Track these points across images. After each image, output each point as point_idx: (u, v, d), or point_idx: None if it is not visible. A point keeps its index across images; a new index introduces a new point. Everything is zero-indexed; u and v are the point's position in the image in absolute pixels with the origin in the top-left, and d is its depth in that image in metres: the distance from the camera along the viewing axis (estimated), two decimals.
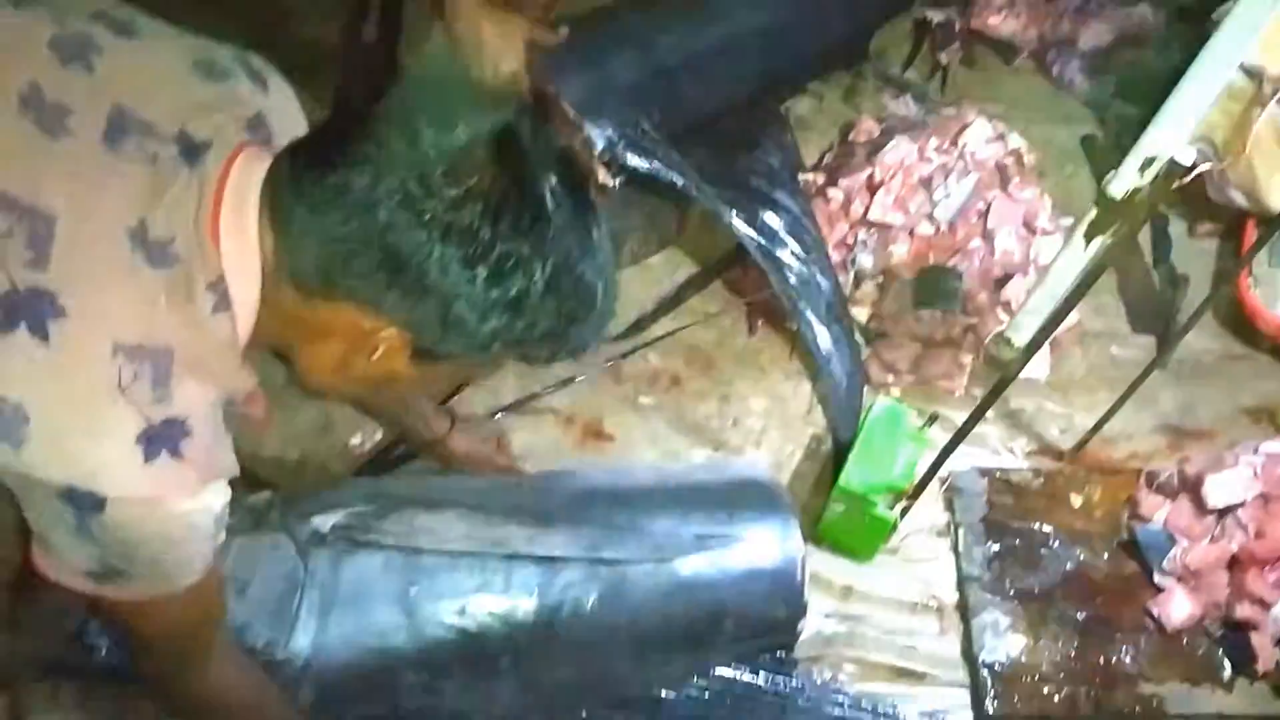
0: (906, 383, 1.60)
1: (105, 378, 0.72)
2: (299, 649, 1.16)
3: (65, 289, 0.72)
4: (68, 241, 0.72)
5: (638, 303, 1.66)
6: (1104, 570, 1.43)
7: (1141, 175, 0.86)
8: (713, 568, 1.28)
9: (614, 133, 1.56)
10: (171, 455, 0.75)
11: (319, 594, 1.18)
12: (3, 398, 0.71)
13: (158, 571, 0.82)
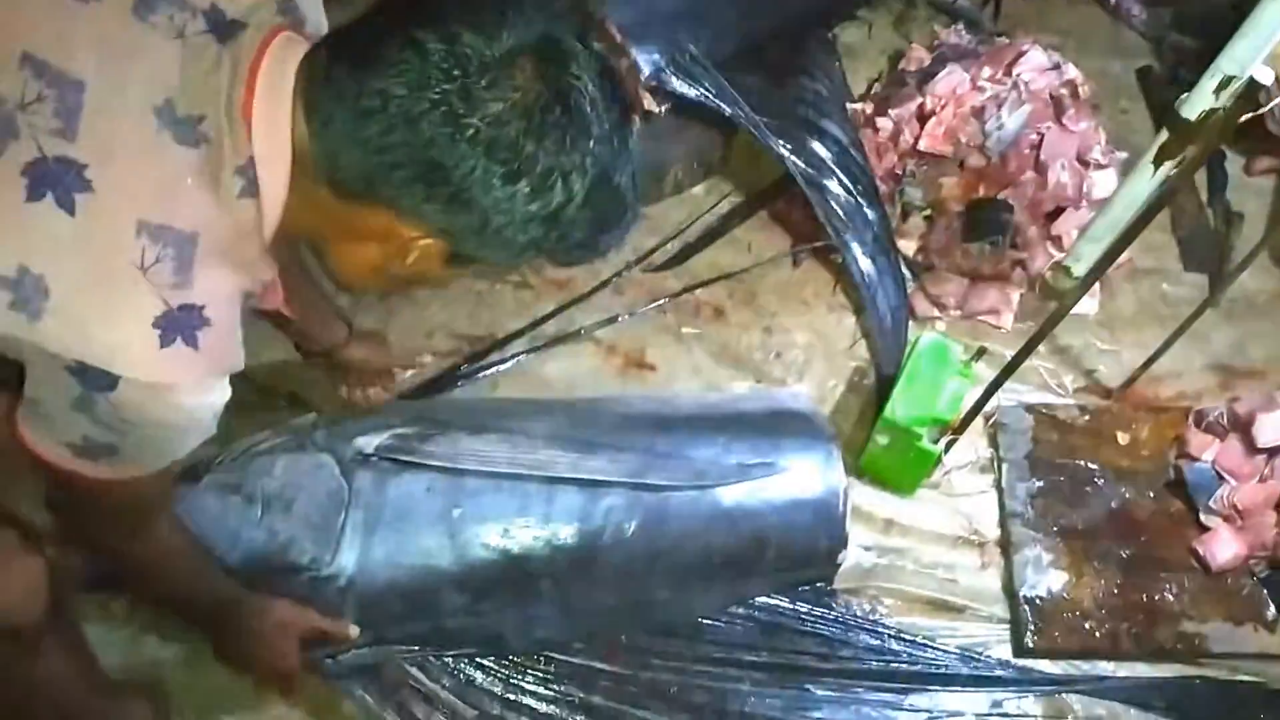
0: (953, 317, 1.58)
1: (128, 257, 0.72)
2: (343, 566, 1.18)
3: (93, 161, 0.71)
4: (95, 112, 0.71)
5: (681, 232, 1.64)
6: (1149, 508, 1.42)
7: (1217, 97, 0.83)
8: (755, 498, 1.28)
9: (660, 58, 1.53)
10: (187, 343, 0.74)
11: (363, 514, 1.19)
12: (25, 268, 0.70)
13: (142, 454, 0.82)
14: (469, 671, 1.25)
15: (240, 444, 1.24)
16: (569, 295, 1.57)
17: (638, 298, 1.58)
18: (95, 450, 0.79)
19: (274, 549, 1.16)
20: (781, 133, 1.56)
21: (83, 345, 0.73)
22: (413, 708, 1.23)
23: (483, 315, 1.56)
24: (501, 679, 1.26)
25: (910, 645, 1.34)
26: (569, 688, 1.27)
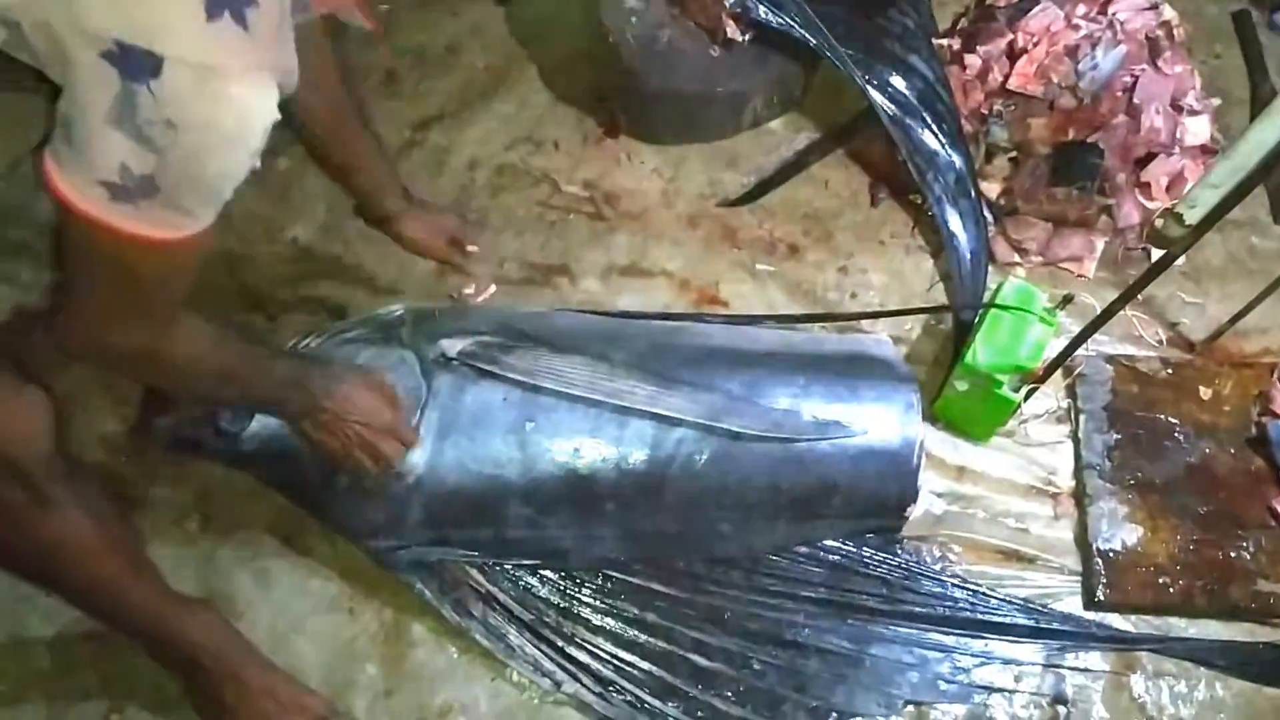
0: (1034, 263, 1.54)
1: None
2: (413, 465, 1.20)
3: None
4: None
5: (757, 167, 1.61)
6: (1229, 465, 1.39)
7: None
8: (828, 443, 1.26)
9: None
10: (235, 19, 0.70)
11: (439, 415, 1.20)
12: None
13: (183, 188, 0.75)
14: (528, 579, 1.27)
15: (327, 329, 1.26)
16: (643, 227, 1.55)
17: (713, 231, 1.55)
18: (132, 189, 0.73)
19: None
20: (866, 67, 1.52)
21: (126, 15, 0.68)
22: (470, 605, 1.26)
23: (555, 245, 1.54)
24: (559, 590, 1.28)
25: (974, 594, 1.33)
26: (625, 603, 1.28)
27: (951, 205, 1.52)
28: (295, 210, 1.53)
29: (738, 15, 1.50)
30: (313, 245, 1.51)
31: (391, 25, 1.71)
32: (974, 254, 1.51)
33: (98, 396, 1.40)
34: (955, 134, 1.54)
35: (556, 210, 1.56)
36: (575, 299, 1.50)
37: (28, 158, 1.49)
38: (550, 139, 1.62)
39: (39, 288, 1.29)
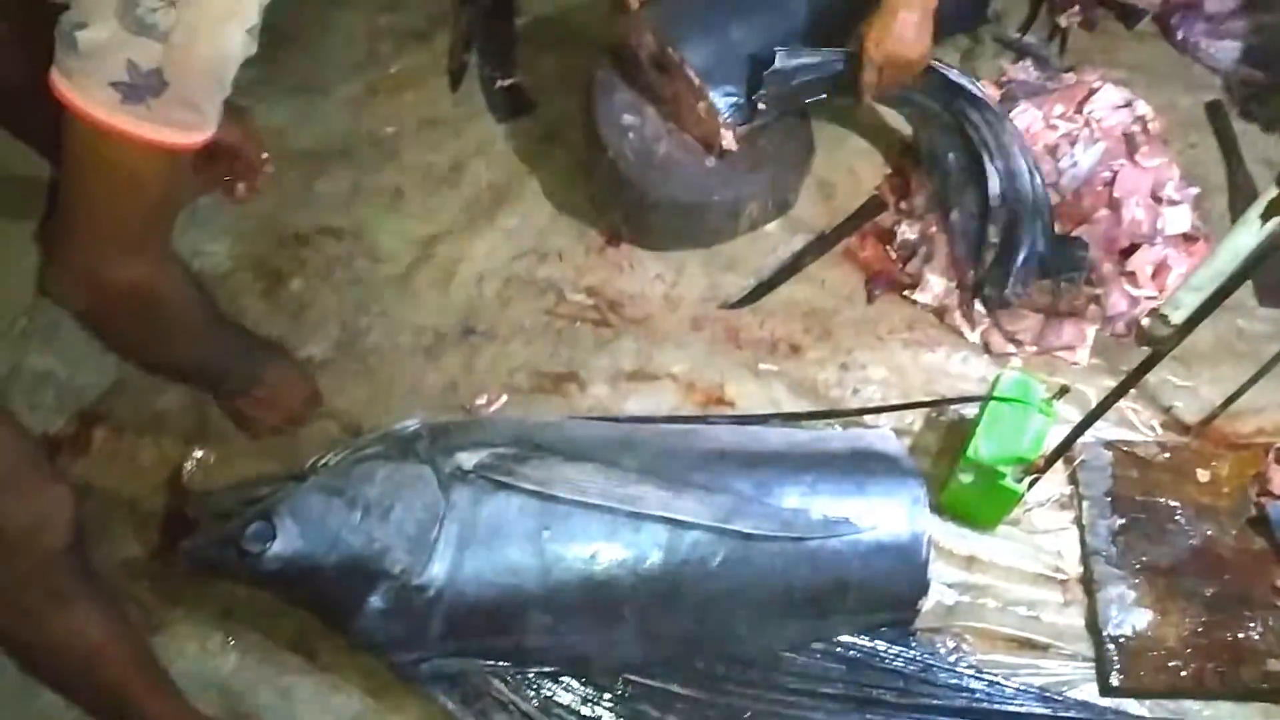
0: (1028, 353, 1.59)
1: None
2: (434, 578, 1.22)
3: None
4: None
5: (756, 269, 1.66)
6: (1232, 546, 1.42)
7: None
8: (839, 540, 1.30)
9: (738, 97, 1.56)
10: None
11: (458, 528, 1.23)
12: None
13: (190, 74, 0.79)
14: (550, 687, 1.29)
15: (346, 447, 1.30)
16: (647, 332, 1.60)
17: (716, 333, 1.60)
18: (141, 86, 0.77)
19: (370, 554, 1.21)
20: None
21: None
22: (493, 716, 1.27)
23: (562, 353, 1.58)
24: (580, 696, 1.30)
25: (989, 684, 1.34)
26: (646, 706, 1.30)
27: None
28: (310, 329, 1.57)
29: (731, 125, 1.56)
30: (328, 363, 1.55)
31: (398, 146, 1.78)
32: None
33: (120, 522, 1.42)
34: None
35: (563, 319, 1.61)
36: (585, 405, 1.53)
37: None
38: (554, 250, 1.67)
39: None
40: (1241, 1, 1.92)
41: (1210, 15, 1.93)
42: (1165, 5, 1.95)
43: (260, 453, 1.45)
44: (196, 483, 1.43)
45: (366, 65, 1.86)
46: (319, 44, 1.87)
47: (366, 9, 1.91)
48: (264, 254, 1.66)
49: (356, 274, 1.63)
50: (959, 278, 1.60)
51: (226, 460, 1.46)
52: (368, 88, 1.83)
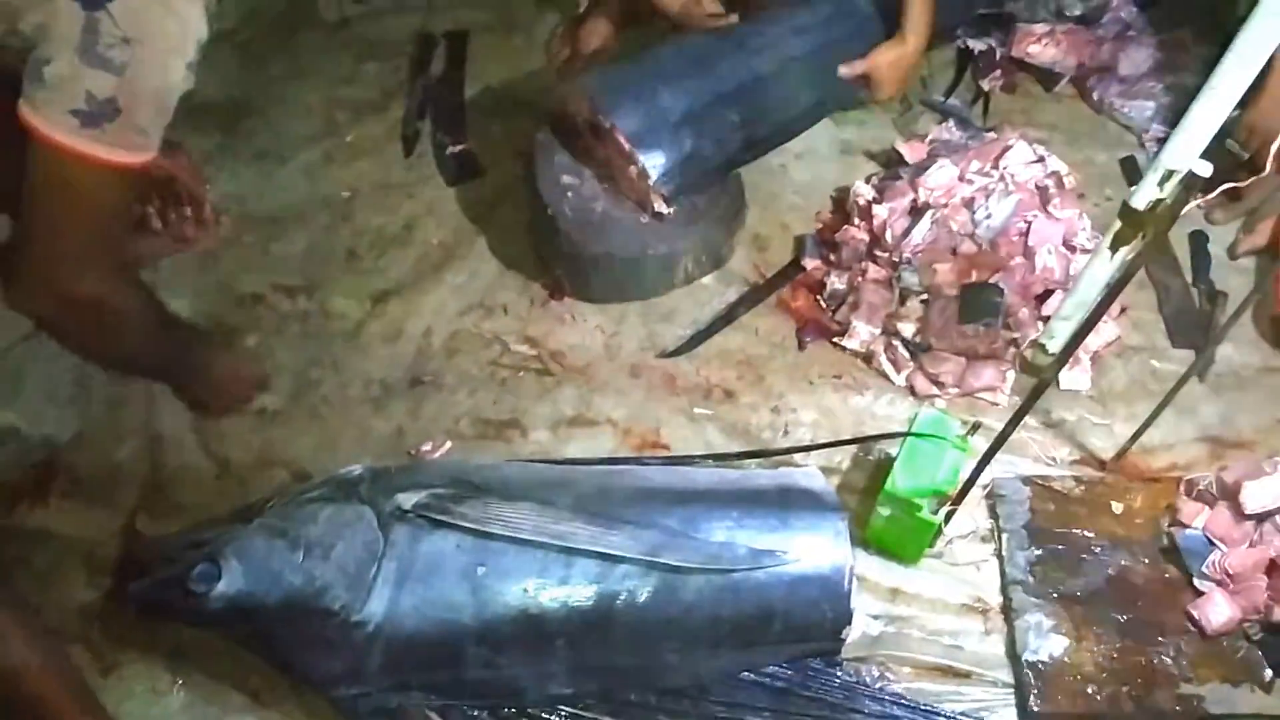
0: (951, 395, 1.66)
1: None
2: (372, 614, 1.26)
3: None
4: None
5: (692, 319, 1.74)
6: (1145, 575, 1.47)
7: (1161, 188, 0.92)
8: (764, 572, 1.35)
9: (668, 162, 1.65)
10: None
11: (396, 565, 1.28)
12: None
13: (139, 101, 0.91)
14: (487, 719, 1.33)
15: (292, 491, 1.35)
16: (587, 380, 1.67)
17: (653, 380, 1.67)
18: (96, 113, 0.89)
19: (310, 592, 1.25)
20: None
21: None
22: None
23: (506, 401, 1.65)
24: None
25: (913, 711, 1.39)
26: None
27: None
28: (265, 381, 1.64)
29: (663, 193, 1.65)
30: (280, 414, 1.62)
31: (353, 208, 1.87)
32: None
33: (75, 569, 1.47)
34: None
35: (507, 369, 1.68)
36: (526, 450, 1.60)
37: None
38: (500, 304, 1.75)
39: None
40: (1153, 64, 2.04)
41: (1124, 77, 2.04)
42: (1082, 69, 2.07)
43: (210, 499, 1.51)
44: (148, 529, 1.49)
45: (324, 134, 1.95)
46: (279, 115, 1.97)
47: (325, 82, 2.01)
48: (221, 312, 1.73)
49: (309, 329, 1.71)
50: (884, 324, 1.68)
51: (178, 508, 1.51)
52: (325, 155, 1.93)
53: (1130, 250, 0.98)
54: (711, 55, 1.74)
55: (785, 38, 1.81)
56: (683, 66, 1.73)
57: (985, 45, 2.09)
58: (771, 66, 1.77)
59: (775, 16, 1.83)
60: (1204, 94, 0.89)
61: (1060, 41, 2.05)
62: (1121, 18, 2.08)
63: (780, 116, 1.82)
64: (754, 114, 1.75)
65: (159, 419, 1.60)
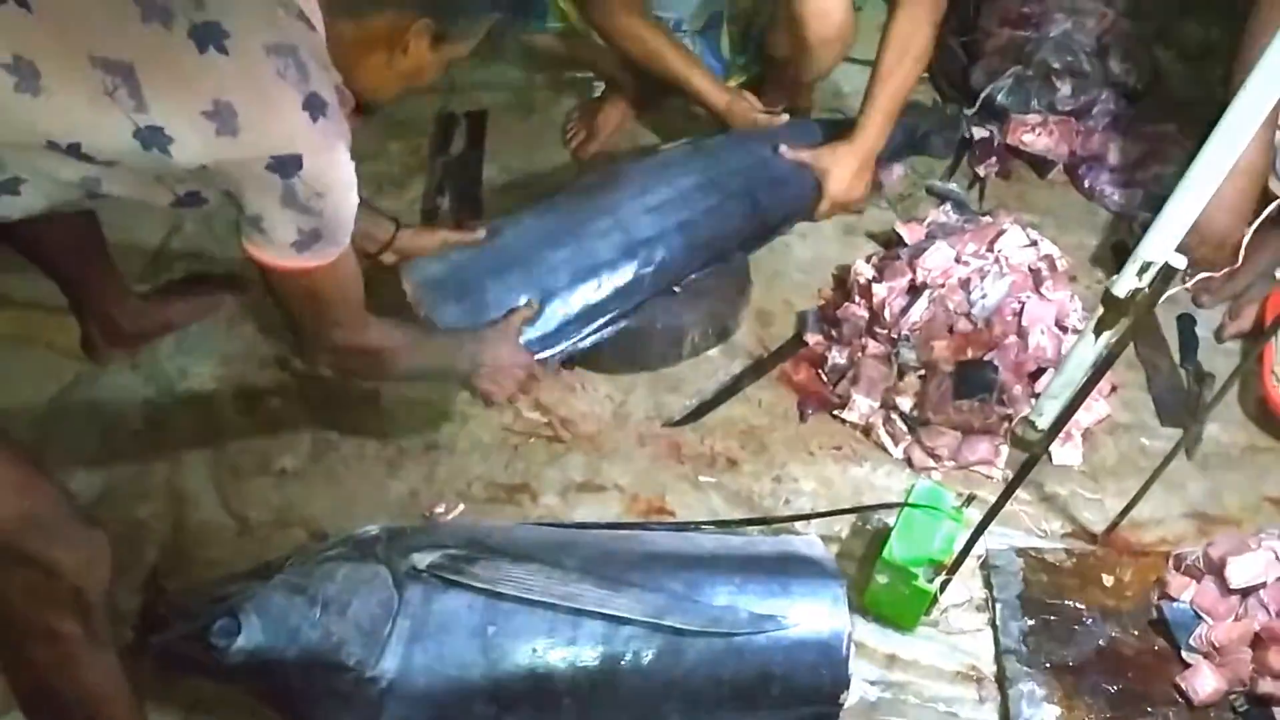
0: (947, 468, 1.72)
1: (269, 70, 1.04)
2: (385, 670, 1.30)
3: (223, 18, 1.02)
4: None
5: (698, 390, 1.81)
6: (1135, 646, 1.52)
7: (1140, 278, 0.99)
8: (764, 636, 1.40)
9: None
10: (325, 116, 1.07)
11: (410, 623, 1.32)
12: (217, 100, 1.02)
13: (337, 222, 1.14)
14: None
15: (313, 549, 1.40)
16: (596, 447, 1.73)
17: (659, 448, 1.74)
18: (307, 240, 1.13)
19: (326, 648, 1.29)
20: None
21: (271, 139, 1.05)
22: None
23: (517, 466, 1.71)
24: None
25: None
26: None
27: None
28: (284, 443, 1.70)
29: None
30: (299, 473, 1.68)
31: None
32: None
33: None
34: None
35: (518, 435, 1.74)
36: (536, 514, 1.65)
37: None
38: None
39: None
40: (1141, 154, 2.13)
41: (1113, 166, 2.14)
42: (1073, 157, 2.16)
43: (230, 555, 1.56)
44: (170, 585, 1.54)
45: None
46: None
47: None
48: (246, 375, 1.80)
49: (329, 393, 1.77)
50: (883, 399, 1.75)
51: (199, 564, 1.57)
52: None
53: (1113, 334, 1.05)
54: (581, 226, 1.74)
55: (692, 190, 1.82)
56: (532, 247, 1.71)
57: (983, 133, 2.18)
58: (671, 221, 1.77)
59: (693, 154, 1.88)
60: (1178, 192, 0.97)
61: (1052, 131, 2.15)
62: (1111, 110, 2.18)
63: (693, 255, 1.80)
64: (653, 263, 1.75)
65: (182, 478, 1.67)
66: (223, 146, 1.03)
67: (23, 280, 1.62)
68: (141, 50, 1.00)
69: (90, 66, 0.98)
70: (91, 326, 1.74)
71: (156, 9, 1.00)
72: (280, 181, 1.06)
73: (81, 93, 0.98)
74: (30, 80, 0.96)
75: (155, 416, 1.74)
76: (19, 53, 0.96)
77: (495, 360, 1.55)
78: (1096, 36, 2.23)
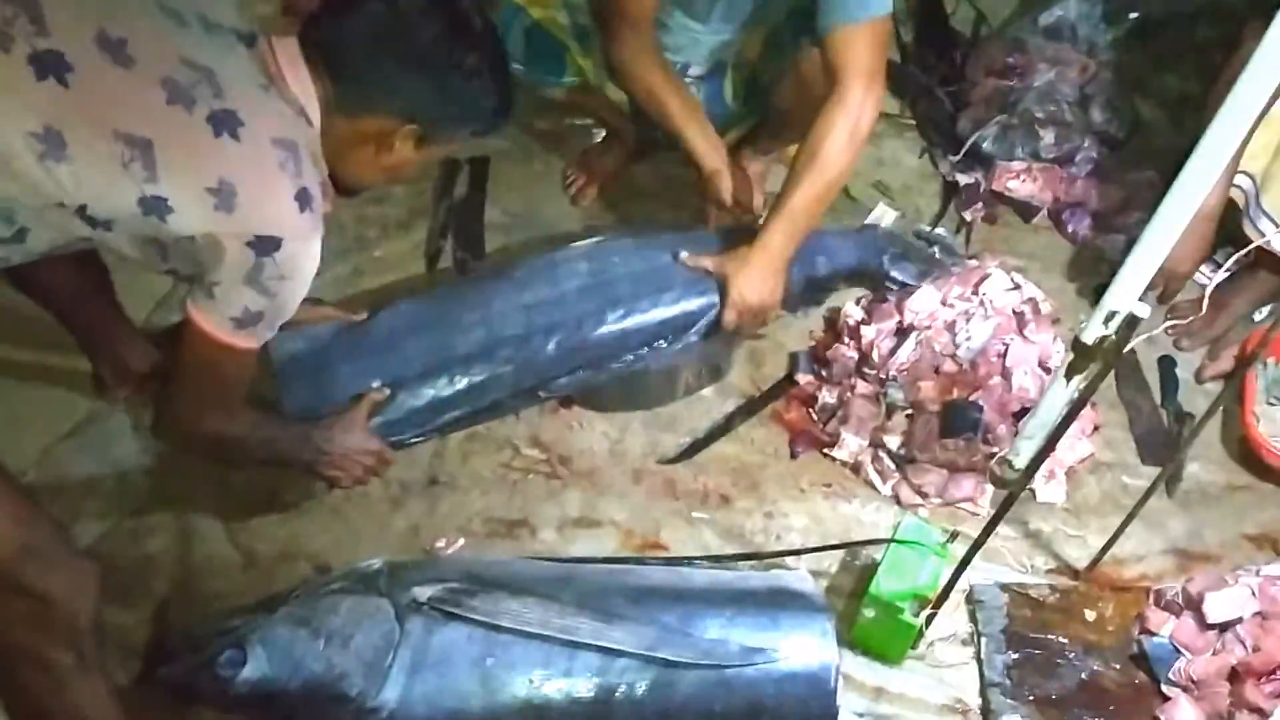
0: (934, 504, 1.76)
1: (272, 159, 1.15)
2: (386, 701, 1.35)
3: (239, 109, 1.14)
4: (228, 83, 1.15)
5: (692, 429, 1.86)
6: (1116, 679, 1.56)
7: (1106, 325, 1.05)
8: (755, 669, 1.44)
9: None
10: (310, 209, 1.19)
11: (410, 655, 1.37)
12: (222, 179, 1.12)
13: (283, 308, 1.24)
14: None
15: (317, 582, 1.46)
16: (593, 484, 1.78)
17: (654, 485, 1.79)
18: (248, 320, 1.22)
19: (329, 679, 1.34)
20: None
21: (261, 220, 1.15)
22: None
23: (516, 501, 1.76)
24: None
25: None
26: None
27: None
28: (289, 479, 1.75)
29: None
30: (302, 509, 1.72)
31: None
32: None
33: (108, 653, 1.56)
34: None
35: (517, 471, 1.79)
36: (534, 548, 1.70)
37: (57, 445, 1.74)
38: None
39: None
40: (1122, 200, 2.20)
41: (1095, 212, 2.20)
42: (1057, 203, 2.23)
43: (237, 588, 1.60)
44: (178, 617, 1.58)
45: (354, 250, 2.10)
46: None
47: (357, 201, 2.14)
48: None
49: None
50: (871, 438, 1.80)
51: (206, 597, 1.61)
52: (355, 269, 2.07)
53: (1083, 379, 1.11)
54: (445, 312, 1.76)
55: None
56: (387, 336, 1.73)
57: (969, 179, 2.25)
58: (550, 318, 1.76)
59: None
60: (1139, 245, 1.03)
61: (1037, 178, 2.22)
62: (1093, 157, 2.24)
63: (562, 359, 1.76)
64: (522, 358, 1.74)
65: (190, 513, 1.71)
66: (217, 220, 1.13)
67: (34, 320, 1.67)
68: (162, 128, 1.10)
69: (113, 140, 1.08)
70: (102, 366, 1.79)
71: (180, 93, 1.11)
72: (254, 258, 1.16)
73: (101, 162, 1.08)
74: (57, 149, 1.06)
75: (164, 453, 1.78)
76: (50, 124, 1.05)
77: (340, 447, 1.57)
78: (1079, 87, 2.30)
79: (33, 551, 1.12)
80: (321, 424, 1.58)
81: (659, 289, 1.79)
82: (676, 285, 1.80)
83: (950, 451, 1.75)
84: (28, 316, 1.66)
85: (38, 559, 1.12)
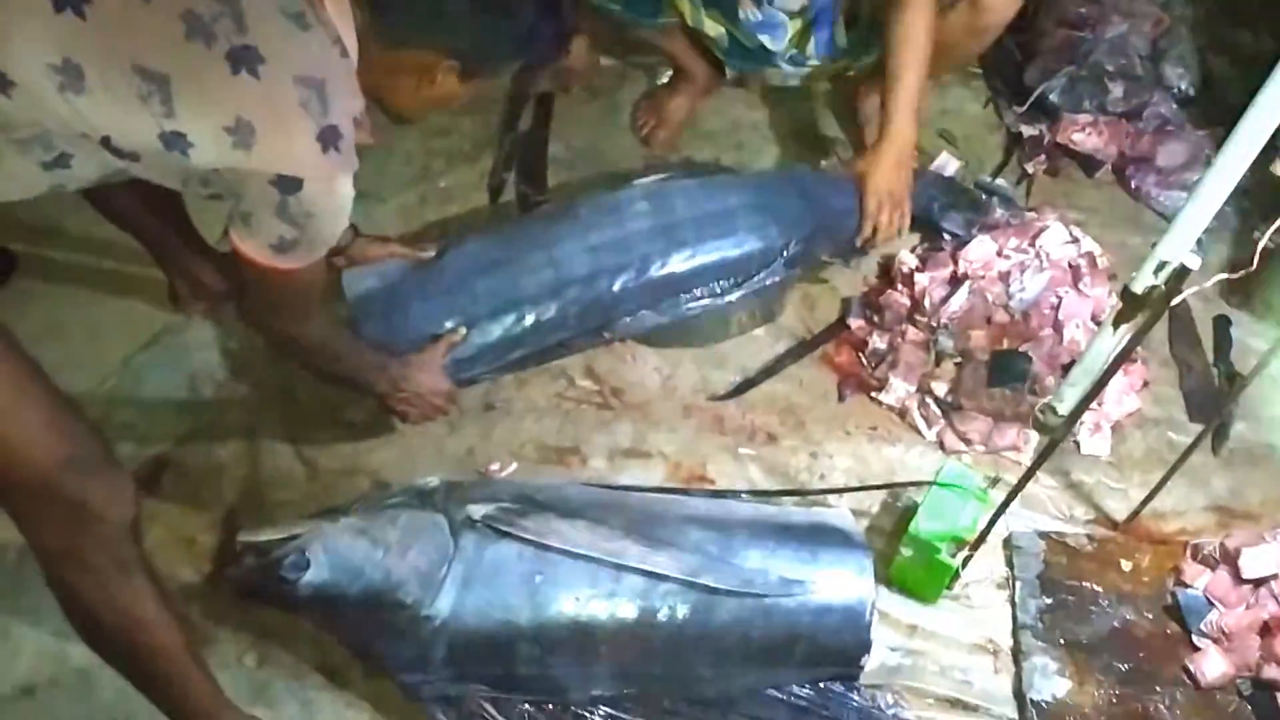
0: (978, 452, 1.79)
1: (293, 99, 1.12)
2: (439, 610, 1.42)
3: (260, 44, 1.11)
4: (253, 16, 1.11)
5: (742, 367, 1.90)
6: (1147, 629, 1.59)
7: (1156, 276, 1.07)
8: (792, 599, 1.49)
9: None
10: (335, 149, 1.16)
11: (463, 568, 1.44)
12: (239, 118, 1.11)
13: (318, 239, 1.25)
14: (533, 712, 1.48)
15: (377, 496, 1.53)
16: (643, 416, 1.83)
17: (703, 420, 1.83)
18: (286, 246, 1.23)
19: (386, 587, 1.41)
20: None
21: (280, 160, 1.14)
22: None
23: (568, 430, 1.82)
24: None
25: None
26: None
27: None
28: (352, 397, 1.82)
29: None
30: (366, 426, 1.80)
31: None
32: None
33: (180, 553, 1.65)
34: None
35: (570, 401, 1.85)
36: (584, 475, 1.75)
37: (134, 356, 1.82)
38: None
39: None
40: (1189, 158, 2.17)
41: (1161, 168, 2.18)
42: (1122, 157, 2.21)
43: (301, 498, 1.69)
44: (246, 522, 1.67)
45: (420, 179, 2.15)
46: (382, 159, 2.17)
47: (423, 132, 2.21)
48: None
49: None
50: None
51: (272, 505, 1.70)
52: (420, 198, 2.13)
53: (1130, 329, 1.12)
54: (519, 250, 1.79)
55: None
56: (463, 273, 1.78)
57: (1033, 131, 2.24)
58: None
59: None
60: (1194, 196, 1.04)
61: (1103, 132, 2.20)
62: (1161, 113, 2.22)
63: (629, 299, 1.81)
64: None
65: (258, 425, 1.80)
66: (236, 158, 1.13)
67: (113, 237, 1.74)
68: (179, 64, 1.09)
69: (131, 74, 1.08)
70: (177, 281, 1.87)
71: (200, 28, 1.08)
72: (278, 196, 1.17)
73: (119, 96, 1.09)
74: (76, 81, 1.07)
75: (235, 367, 1.86)
76: (69, 56, 1.06)
77: (415, 385, 1.63)
78: (1151, 40, 2.27)
79: (74, 461, 1.15)
80: (400, 359, 1.64)
81: (723, 232, 1.83)
82: (740, 229, 1.84)
83: (997, 400, 1.77)
84: (105, 231, 1.73)
85: (77, 469, 1.15)
